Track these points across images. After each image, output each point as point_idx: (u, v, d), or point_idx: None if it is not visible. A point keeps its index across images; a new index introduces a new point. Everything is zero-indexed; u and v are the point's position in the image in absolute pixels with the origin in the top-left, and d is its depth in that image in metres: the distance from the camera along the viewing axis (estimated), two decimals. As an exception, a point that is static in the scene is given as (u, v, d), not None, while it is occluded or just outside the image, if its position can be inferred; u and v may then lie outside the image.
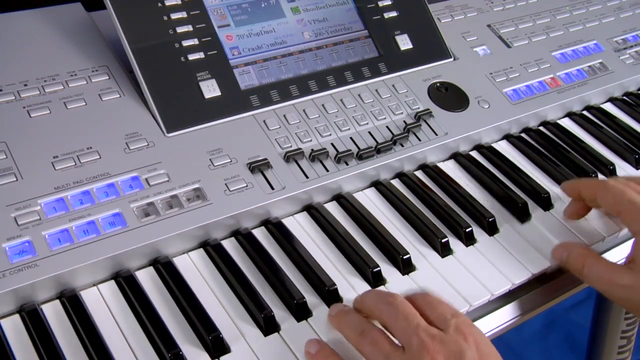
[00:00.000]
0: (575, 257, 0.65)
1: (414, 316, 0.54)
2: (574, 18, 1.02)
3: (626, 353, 1.33)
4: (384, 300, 0.56)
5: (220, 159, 0.68)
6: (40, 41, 0.72)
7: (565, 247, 0.67)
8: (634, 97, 0.97)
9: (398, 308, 0.55)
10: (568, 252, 0.66)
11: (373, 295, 0.58)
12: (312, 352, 0.56)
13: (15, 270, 0.56)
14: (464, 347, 0.51)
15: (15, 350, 0.54)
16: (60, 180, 0.62)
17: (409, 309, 0.55)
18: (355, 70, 0.80)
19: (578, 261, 0.64)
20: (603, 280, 0.63)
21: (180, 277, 0.61)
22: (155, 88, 0.70)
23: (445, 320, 0.54)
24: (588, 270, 0.64)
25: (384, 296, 0.57)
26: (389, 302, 0.55)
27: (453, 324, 0.53)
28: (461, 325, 0.53)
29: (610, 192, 0.66)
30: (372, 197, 0.74)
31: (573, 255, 0.65)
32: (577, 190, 0.71)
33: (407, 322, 0.53)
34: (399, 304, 0.55)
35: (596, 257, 0.65)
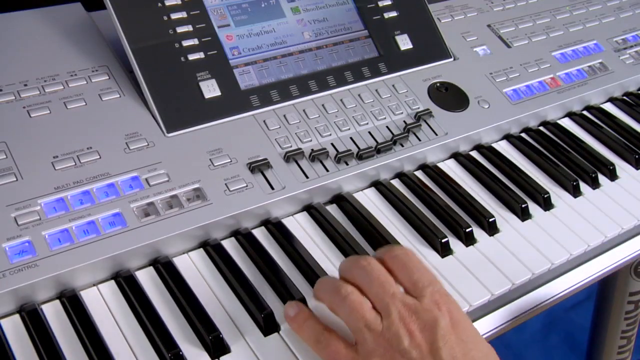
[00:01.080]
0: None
1: (389, 284, 0.53)
2: (574, 18, 1.02)
3: (626, 353, 1.33)
4: (358, 264, 0.55)
5: (220, 159, 0.68)
6: (40, 41, 0.72)
7: None
8: (634, 97, 0.97)
9: (372, 273, 0.54)
10: None
11: (349, 260, 0.57)
12: (291, 315, 0.56)
13: (15, 270, 0.56)
14: (438, 316, 0.52)
15: (15, 350, 0.54)
16: (60, 180, 0.62)
17: (384, 276, 0.54)
18: (355, 70, 0.80)
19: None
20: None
21: (180, 277, 0.61)
22: (155, 88, 0.70)
23: (421, 288, 0.53)
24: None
25: (359, 260, 0.56)
26: (362, 266, 0.55)
27: (428, 292, 0.53)
28: (436, 294, 0.53)
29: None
30: (372, 197, 0.74)
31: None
32: None
33: (383, 289, 0.53)
34: (373, 268, 0.54)
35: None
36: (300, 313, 0.57)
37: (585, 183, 0.80)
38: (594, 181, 0.80)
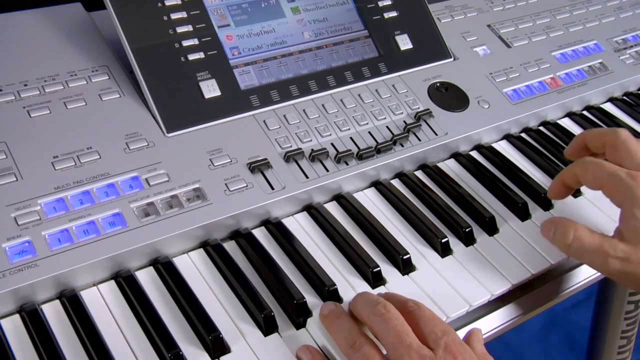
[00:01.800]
0: (562, 232, 0.62)
1: (406, 334, 0.53)
2: (574, 18, 1.02)
3: (626, 353, 1.33)
4: (377, 311, 0.55)
5: (220, 159, 0.68)
6: (40, 41, 0.72)
7: (552, 222, 0.64)
8: (634, 97, 0.97)
9: (390, 322, 0.54)
10: (555, 227, 0.63)
11: (365, 304, 0.57)
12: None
13: (15, 270, 0.56)
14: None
15: (15, 350, 0.54)
16: (60, 180, 0.62)
17: (401, 325, 0.54)
18: (355, 70, 0.80)
19: (566, 236, 0.62)
20: (595, 254, 0.61)
21: (180, 277, 0.61)
22: (155, 88, 0.70)
23: (436, 339, 0.53)
24: (577, 245, 0.61)
25: (377, 306, 0.55)
26: (381, 314, 0.55)
27: (443, 343, 0.53)
28: (451, 344, 0.53)
29: (589, 170, 0.65)
30: (372, 197, 0.74)
31: (560, 230, 0.63)
32: (561, 184, 0.69)
33: (399, 339, 0.53)
34: (391, 317, 0.54)
35: (584, 229, 0.62)
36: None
37: (585, 183, 0.80)
38: (594, 181, 0.80)
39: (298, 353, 0.57)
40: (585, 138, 0.70)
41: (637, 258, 0.59)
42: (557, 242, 0.63)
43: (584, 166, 0.65)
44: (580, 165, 0.66)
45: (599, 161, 0.65)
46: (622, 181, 0.61)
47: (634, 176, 0.61)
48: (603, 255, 0.60)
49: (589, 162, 0.65)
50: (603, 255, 0.60)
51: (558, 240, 0.63)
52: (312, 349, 0.57)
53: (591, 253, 0.61)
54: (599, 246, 0.61)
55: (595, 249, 0.61)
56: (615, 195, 0.63)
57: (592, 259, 0.62)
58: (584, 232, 0.62)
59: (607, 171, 0.63)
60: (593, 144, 0.69)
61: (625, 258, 0.60)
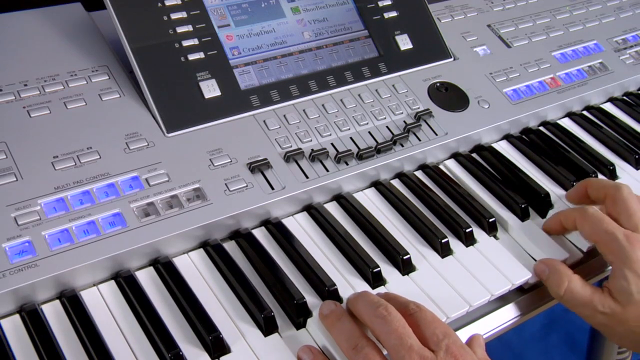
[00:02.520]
0: (556, 279, 0.65)
1: (407, 336, 0.53)
2: (574, 18, 1.02)
3: (626, 353, 1.33)
4: (378, 313, 0.55)
5: (220, 159, 0.68)
6: (40, 41, 0.72)
7: (546, 264, 0.66)
8: (634, 97, 0.97)
9: (391, 324, 0.54)
10: (549, 271, 0.66)
11: (366, 305, 0.57)
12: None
13: (15, 270, 0.56)
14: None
15: (15, 350, 0.54)
16: (60, 180, 0.62)
17: (402, 328, 0.54)
18: (355, 70, 0.80)
19: (559, 284, 0.64)
20: (584, 307, 0.63)
21: (180, 277, 0.61)
22: (155, 88, 0.70)
23: (437, 341, 0.53)
24: (569, 296, 0.64)
25: (378, 309, 0.55)
26: (382, 316, 0.55)
27: (444, 345, 0.53)
28: (452, 346, 0.53)
29: (588, 221, 0.66)
30: (372, 197, 0.74)
31: (554, 276, 0.65)
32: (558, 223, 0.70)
33: (401, 341, 0.53)
34: (392, 319, 0.54)
35: (577, 281, 0.64)
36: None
37: (585, 183, 0.80)
38: (594, 181, 0.80)
39: (299, 353, 0.57)
40: (587, 185, 0.71)
41: (623, 317, 0.62)
42: (550, 288, 0.66)
43: (584, 216, 0.66)
44: (581, 214, 0.67)
45: (599, 215, 0.66)
46: (617, 241, 0.63)
47: (630, 239, 0.63)
48: (592, 309, 0.63)
49: (590, 213, 0.66)
50: (592, 309, 0.63)
51: (551, 287, 0.66)
52: (314, 349, 0.57)
53: (581, 305, 0.64)
54: (589, 300, 0.63)
55: (585, 303, 0.63)
56: (609, 253, 0.64)
57: (581, 311, 0.64)
58: (577, 284, 0.64)
59: (604, 228, 0.64)
60: (594, 194, 0.70)
61: (611, 315, 0.62)
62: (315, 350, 0.57)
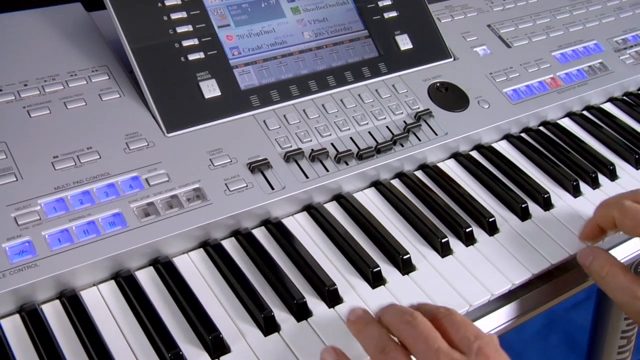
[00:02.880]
0: (599, 263, 0.65)
1: (434, 339, 0.52)
2: (574, 18, 1.02)
3: (626, 353, 1.33)
4: (404, 319, 0.54)
5: (220, 159, 0.68)
6: (40, 41, 0.72)
7: (592, 251, 0.66)
8: (634, 97, 0.97)
9: (417, 329, 0.53)
10: (593, 257, 0.65)
11: (393, 312, 0.56)
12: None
13: (15, 270, 0.56)
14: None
15: (15, 350, 0.54)
16: (60, 180, 0.62)
17: (429, 331, 0.53)
18: (355, 70, 0.80)
19: (602, 268, 0.64)
20: (623, 292, 0.63)
21: (180, 277, 0.61)
22: (155, 88, 0.70)
23: (468, 343, 0.52)
24: (610, 279, 0.64)
25: (404, 315, 0.54)
26: (408, 321, 0.53)
27: (475, 347, 0.51)
28: (484, 348, 0.52)
29: (629, 216, 0.65)
30: (372, 197, 0.74)
31: (598, 261, 0.65)
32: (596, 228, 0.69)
33: (427, 345, 0.51)
34: (418, 324, 0.53)
35: (621, 266, 0.64)
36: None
37: (585, 183, 0.80)
38: (594, 181, 0.80)
39: (323, 354, 0.56)
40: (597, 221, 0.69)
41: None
42: (593, 271, 0.65)
43: (622, 210, 0.65)
44: (620, 210, 0.66)
45: (638, 208, 0.65)
46: None
47: None
48: (631, 295, 0.62)
49: (628, 207, 0.65)
50: (631, 295, 0.62)
51: (594, 271, 0.65)
52: (338, 349, 0.56)
53: (620, 290, 0.63)
54: (630, 286, 0.62)
55: (626, 288, 0.63)
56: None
57: (620, 296, 0.63)
58: (620, 269, 0.64)
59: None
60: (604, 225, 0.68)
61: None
62: (339, 350, 0.56)
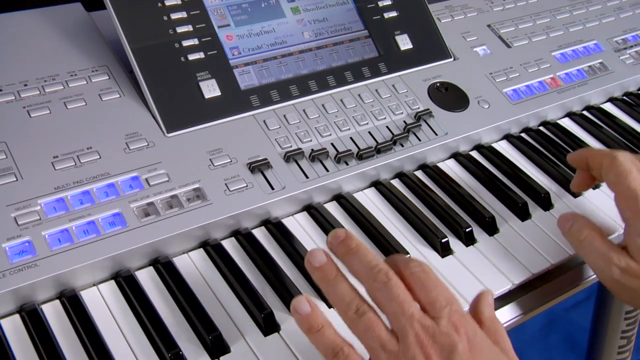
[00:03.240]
0: (578, 227, 0.65)
1: (408, 304, 0.51)
2: (574, 18, 1.02)
3: (626, 353, 1.33)
4: (378, 278, 0.53)
5: (220, 159, 0.68)
6: (40, 41, 0.72)
7: (571, 216, 0.66)
8: (634, 97, 0.97)
9: (392, 291, 0.52)
10: (572, 222, 0.66)
11: (362, 265, 0.54)
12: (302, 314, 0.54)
13: (15, 270, 0.56)
14: (456, 339, 0.50)
15: (15, 350, 0.54)
16: (60, 180, 0.62)
17: (404, 295, 0.52)
18: (355, 70, 0.80)
19: (581, 232, 0.64)
20: (600, 257, 0.63)
21: (180, 277, 0.61)
22: (155, 88, 0.70)
23: (439, 308, 0.52)
24: (588, 243, 0.63)
25: (378, 273, 0.53)
26: (383, 282, 0.52)
27: (446, 313, 0.51)
28: (454, 315, 0.51)
29: (615, 170, 0.65)
30: (372, 197, 0.74)
31: (577, 225, 0.65)
32: (583, 160, 0.70)
33: (402, 309, 0.51)
34: (393, 285, 0.52)
35: (599, 232, 0.64)
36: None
37: (585, 183, 0.80)
38: (594, 181, 0.80)
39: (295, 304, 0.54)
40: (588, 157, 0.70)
41: (637, 272, 0.61)
42: (571, 235, 0.65)
43: (612, 164, 0.65)
44: (610, 160, 0.66)
45: (627, 167, 0.64)
46: (638, 199, 0.62)
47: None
48: (607, 260, 0.62)
49: (619, 163, 0.65)
50: (607, 260, 0.62)
51: (572, 234, 0.65)
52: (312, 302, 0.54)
53: (597, 255, 0.63)
54: (607, 251, 0.62)
55: (603, 253, 0.62)
56: (627, 209, 0.64)
57: (596, 261, 0.63)
58: (598, 234, 0.64)
59: (628, 183, 0.63)
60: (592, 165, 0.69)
61: (626, 269, 0.61)
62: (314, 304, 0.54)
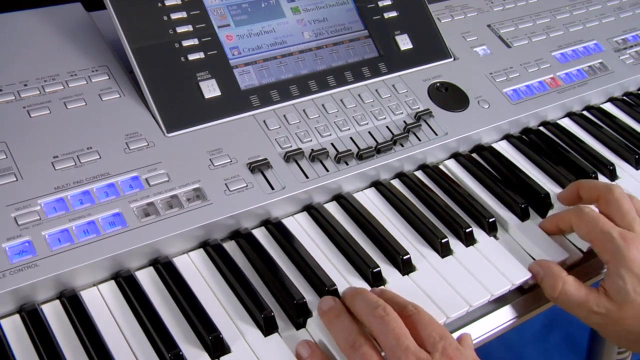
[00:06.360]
0: (550, 283, 0.65)
1: (404, 337, 0.54)
2: (574, 18, 1.02)
3: (626, 353, 1.33)
4: (376, 313, 0.55)
5: (220, 159, 0.68)
6: (40, 41, 0.72)
7: (541, 266, 0.67)
8: (634, 97, 0.97)
9: (389, 325, 0.54)
10: (543, 273, 0.66)
11: (364, 304, 0.57)
12: (304, 356, 0.57)
13: (15, 270, 0.56)
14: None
15: (15, 350, 0.54)
16: (60, 180, 0.62)
17: (399, 329, 0.54)
18: (355, 70, 0.80)
19: (554, 286, 0.65)
20: (579, 308, 0.64)
21: (180, 277, 0.61)
22: (155, 88, 0.70)
23: (434, 343, 0.54)
24: (564, 298, 0.64)
25: (376, 309, 0.56)
26: (381, 316, 0.55)
27: (440, 347, 0.53)
28: (448, 348, 0.54)
29: (584, 222, 0.66)
30: (372, 197, 0.74)
31: (548, 281, 0.65)
32: (555, 225, 0.71)
33: (398, 342, 0.53)
34: (390, 320, 0.55)
35: (572, 282, 0.65)
36: (313, 354, 0.57)
37: (585, 183, 0.80)
38: (594, 181, 0.80)
39: (298, 348, 0.57)
40: (579, 187, 0.71)
41: (618, 316, 0.62)
42: (545, 290, 0.66)
43: (580, 216, 0.67)
44: (577, 215, 0.67)
45: (594, 216, 0.66)
46: (613, 240, 0.63)
47: (626, 237, 0.63)
48: (587, 310, 0.63)
49: (585, 214, 0.67)
50: (587, 310, 0.63)
51: (545, 289, 0.66)
52: (312, 344, 0.58)
53: (575, 307, 0.64)
54: (584, 301, 0.63)
55: (580, 304, 0.64)
56: (604, 253, 0.65)
57: (576, 312, 0.65)
58: (571, 286, 0.65)
59: (600, 227, 0.65)
60: (586, 196, 0.71)
61: (607, 314, 0.62)
62: (314, 345, 0.57)
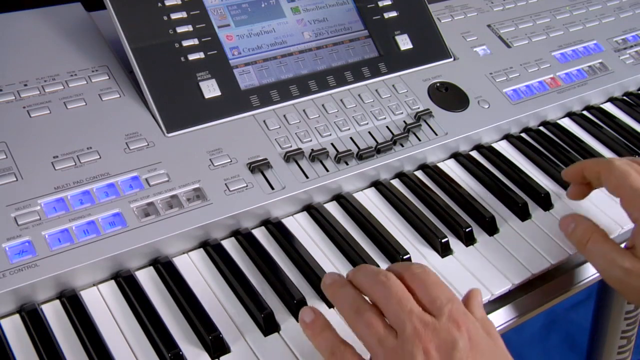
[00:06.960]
0: (582, 230, 0.65)
1: (407, 300, 0.52)
2: (574, 18, 1.02)
3: (626, 353, 1.33)
4: (377, 279, 0.54)
5: (220, 159, 0.68)
6: (40, 41, 0.72)
7: (573, 218, 0.66)
8: (634, 97, 0.97)
9: (391, 289, 0.53)
10: (575, 224, 0.65)
11: (366, 272, 0.56)
12: (307, 321, 0.55)
13: (15, 270, 0.56)
14: (456, 336, 0.50)
15: (15, 350, 0.54)
16: (60, 180, 0.62)
17: (402, 292, 0.53)
18: (355, 70, 0.80)
19: (584, 234, 0.64)
20: (604, 258, 0.63)
21: (180, 277, 0.61)
22: (155, 88, 0.70)
23: (440, 306, 0.52)
24: (592, 245, 0.63)
25: (377, 275, 0.54)
26: (381, 282, 0.53)
27: (447, 311, 0.51)
28: (455, 312, 0.51)
29: (614, 174, 0.64)
30: (372, 197, 0.74)
31: (580, 228, 0.65)
32: (579, 174, 0.70)
33: (400, 306, 0.51)
34: (392, 284, 0.53)
35: (602, 233, 0.64)
36: (317, 321, 0.55)
37: (585, 183, 0.80)
38: (594, 181, 0.80)
39: (301, 313, 0.56)
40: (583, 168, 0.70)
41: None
42: (574, 238, 0.65)
43: (610, 169, 0.65)
44: (607, 167, 0.65)
45: (626, 169, 0.64)
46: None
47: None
48: (610, 261, 0.62)
49: (616, 167, 0.65)
50: (610, 261, 0.62)
51: (575, 237, 0.65)
52: (316, 310, 0.56)
53: (601, 256, 0.63)
54: (610, 252, 0.62)
55: (606, 254, 0.62)
56: (632, 210, 0.63)
57: (600, 262, 0.63)
58: (601, 235, 0.64)
59: (630, 183, 0.63)
60: (589, 174, 0.69)
61: (630, 270, 0.61)
62: (318, 311, 0.56)
